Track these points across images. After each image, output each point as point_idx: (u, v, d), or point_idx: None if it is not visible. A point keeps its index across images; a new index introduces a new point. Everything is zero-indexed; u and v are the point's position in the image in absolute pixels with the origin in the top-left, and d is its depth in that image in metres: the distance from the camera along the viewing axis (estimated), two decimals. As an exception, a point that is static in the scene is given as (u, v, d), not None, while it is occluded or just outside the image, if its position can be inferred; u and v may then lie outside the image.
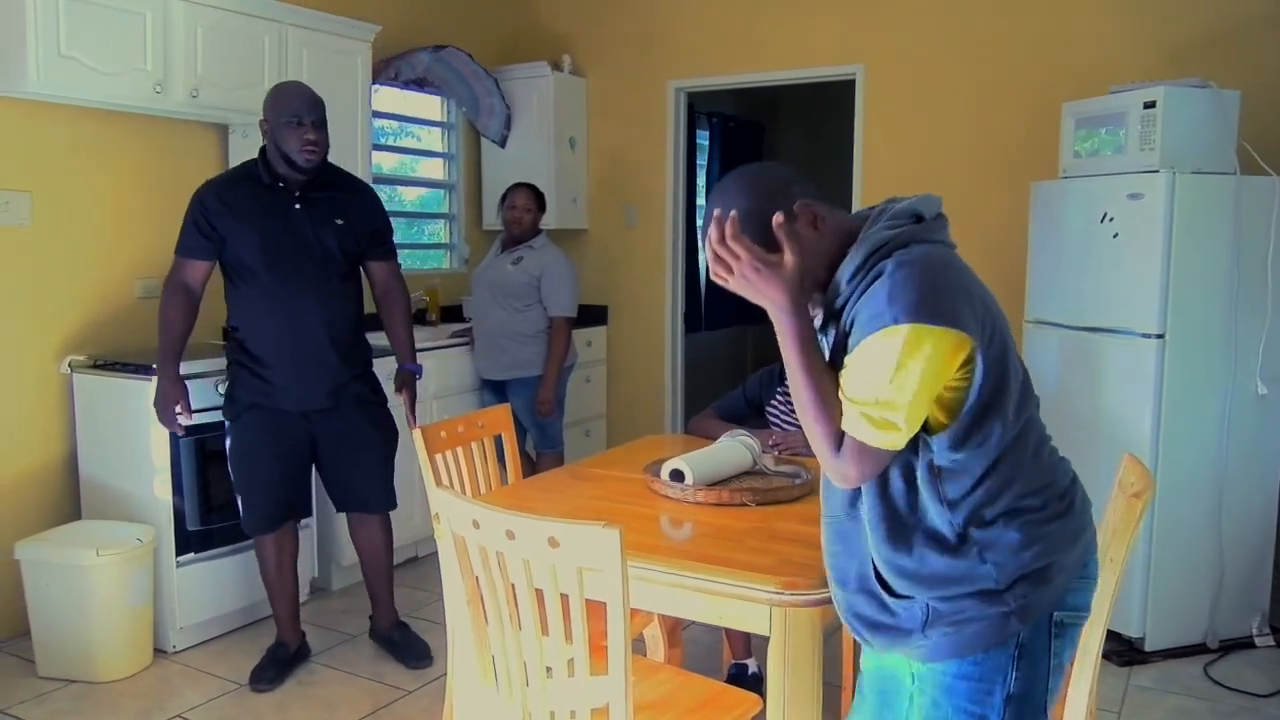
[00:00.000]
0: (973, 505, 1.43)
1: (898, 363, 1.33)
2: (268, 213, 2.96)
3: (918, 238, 1.45)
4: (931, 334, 1.33)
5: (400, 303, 3.29)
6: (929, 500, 1.44)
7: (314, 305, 3.01)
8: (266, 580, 3.21)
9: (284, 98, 2.93)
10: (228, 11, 3.57)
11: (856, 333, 1.39)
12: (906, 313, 1.33)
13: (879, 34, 4.60)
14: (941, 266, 1.41)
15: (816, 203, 1.50)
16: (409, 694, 3.06)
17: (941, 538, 1.43)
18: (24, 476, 3.40)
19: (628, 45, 5.27)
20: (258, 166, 3.01)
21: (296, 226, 2.98)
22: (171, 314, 2.97)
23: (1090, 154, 3.53)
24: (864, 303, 1.39)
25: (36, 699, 2.98)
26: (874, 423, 1.37)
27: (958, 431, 1.40)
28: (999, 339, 1.42)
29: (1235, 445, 3.31)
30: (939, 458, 1.42)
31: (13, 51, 3.03)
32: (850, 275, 1.44)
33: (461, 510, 1.73)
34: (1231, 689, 3.09)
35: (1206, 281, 3.23)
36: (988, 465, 1.42)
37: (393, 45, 4.58)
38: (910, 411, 1.36)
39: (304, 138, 2.90)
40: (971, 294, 1.40)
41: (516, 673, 1.77)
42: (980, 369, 1.38)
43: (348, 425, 3.15)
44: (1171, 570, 3.31)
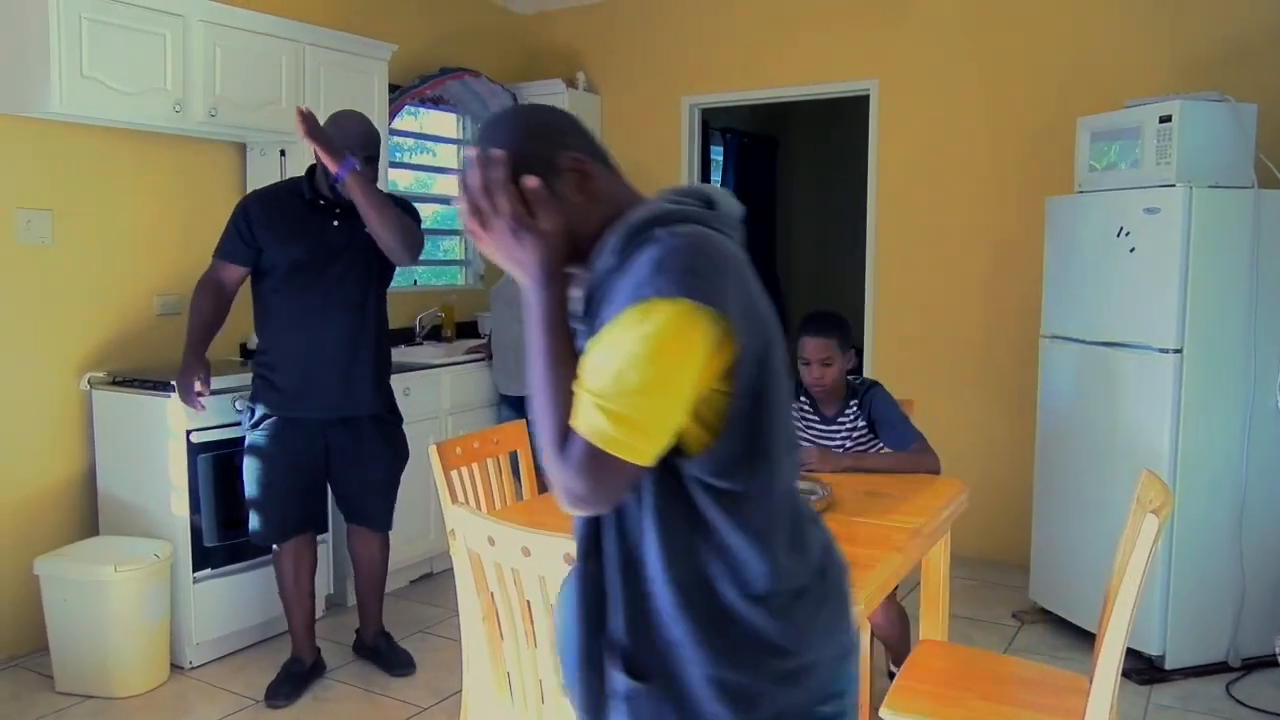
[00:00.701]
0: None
1: (653, 346, 1.06)
2: (305, 227, 3.03)
3: (703, 220, 1.20)
4: (700, 315, 1.07)
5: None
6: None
7: (340, 319, 3.06)
8: (283, 594, 3.22)
9: (337, 124, 3.00)
10: (246, 32, 3.61)
11: (609, 307, 1.13)
12: (673, 286, 1.07)
13: (893, 49, 4.61)
14: (723, 253, 1.15)
15: (592, 161, 1.24)
16: (424, 710, 3.06)
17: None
18: (43, 492, 3.42)
19: (642, 62, 5.30)
20: (303, 183, 3.09)
21: (331, 243, 3.04)
22: (201, 302, 3.08)
23: (1106, 168, 3.52)
24: (626, 274, 1.13)
25: (54, 714, 2.99)
26: (612, 417, 1.07)
27: (720, 452, 1.13)
28: (772, 359, 1.17)
29: (1255, 460, 3.28)
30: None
31: (36, 73, 3.07)
32: (616, 245, 1.17)
33: (477, 526, 1.73)
34: (1255, 709, 3.05)
35: (1224, 296, 3.21)
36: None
37: (410, 64, 4.61)
38: (660, 410, 1.08)
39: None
40: (752, 296, 1.17)
41: (531, 689, 1.77)
42: (746, 378, 1.13)
43: (361, 441, 3.17)
44: (1192, 587, 3.27)
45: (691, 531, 1.15)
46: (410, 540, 4.10)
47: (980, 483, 3.76)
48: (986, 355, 4.47)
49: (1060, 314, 3.66)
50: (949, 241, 4.53)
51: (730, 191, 1.30)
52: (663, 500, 1.15)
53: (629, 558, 1.18)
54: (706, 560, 1.15)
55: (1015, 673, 2.38)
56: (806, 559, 1.23)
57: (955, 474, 2.84)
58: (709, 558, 1.15)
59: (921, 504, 2.46)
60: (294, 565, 3.18)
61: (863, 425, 2.91)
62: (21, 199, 3.33)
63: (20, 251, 3.34)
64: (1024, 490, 4.01)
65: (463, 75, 4.80)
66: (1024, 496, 4.00)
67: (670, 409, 1.08)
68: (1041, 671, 2.36)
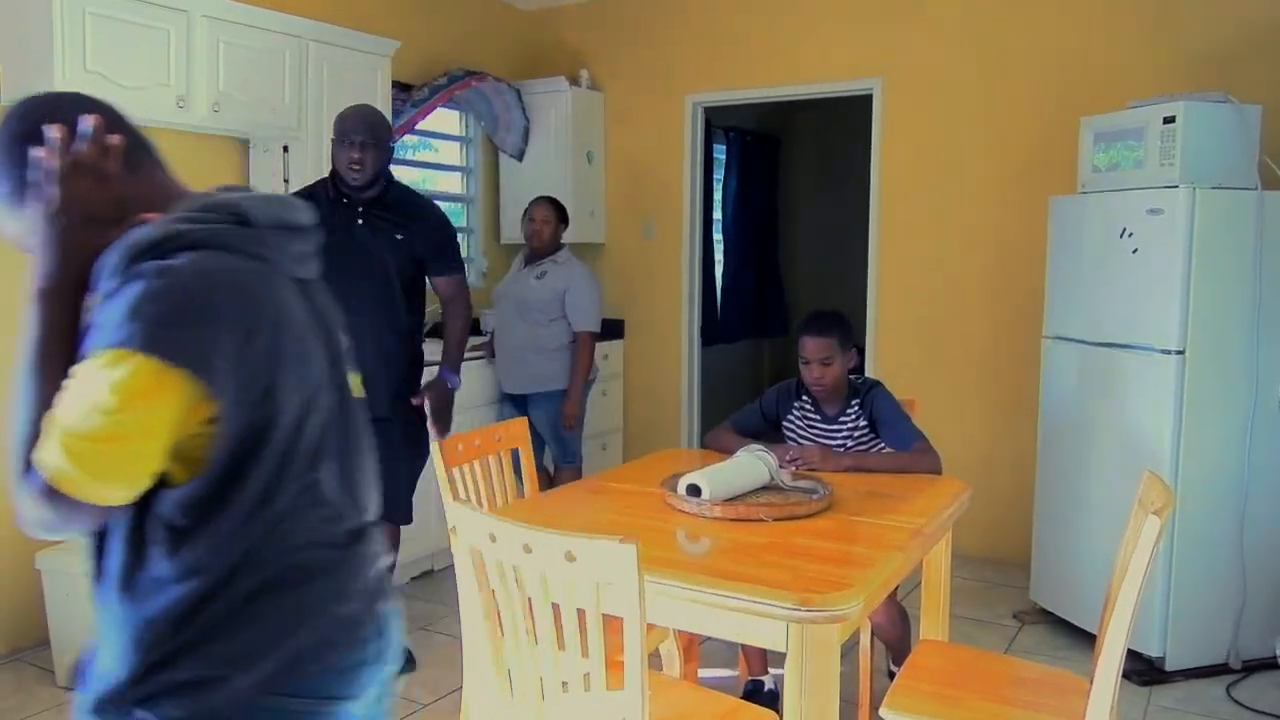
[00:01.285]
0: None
1: (121, 397, 1.01)
2: (329, 226, 3.01)
3: (223, 243, 1.12)
4: (169, 375, 1.02)
5: (460, 314, 3.37)
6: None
7: (369, 318, 3.06)
8: None
9: (341, 118, 3.08)
10: (250, 28, 3.60)
11: (94, 335, 1.05)
12: (144, 338, 1.02)
13: (897, 48, 4.61)
14: (218, 294, 1.07)
15: (134, 140, 1.18)
16: (425, 707, 3.06)
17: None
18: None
19: (645, 60, 5.29)
20: (326, 183, 3.15)
21: (358, 241, 3.07)
22: None
23: (1109, 169, 3.51)
24: (108, 305, 1.05)
25: (55, 708, 3.00)
26: (74, 458, 1.02)
27: (192, 490, 1.09)
28: (272, 400, 1.11)
29: (1257, 462, 3.28)
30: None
31: (40, 67, 3.07)
32: (114, 267, 1.08)
33: (479, 524, 1.73)
34: (1256, 711, 3.05)
35: (1227, 297, 3.21)
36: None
37: (413, 61, 4.61)
38: (125, 459, 1.03)
39: (350, 156, 3.04)
40: (252, 336, 1.09)
41: (533, 687, 1.77)
42: (233, 423, 1.08)
43: (386, 436, 3.16)
44: (1193, 588, 3.27)
45: (139, 553, 1.10)
46: (411, 537, 4.09)
47: (982, 483, 3.76)
48: (988, 356, 4.46)
49: (1062, 315, 3.65)
50: (951, 241, 4.52)
51: (285, 197, 1.21)
52: (130, 522, 1.10)
53: (104, 577, 1.14)
54: (146, 587, 1.11)
55: (1016, 673, 2.38)
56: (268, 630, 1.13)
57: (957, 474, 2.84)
58: (149, 586, 1.11)
59: (923, 504, 2.46)
60: None
61: (864, 425, 2.91)
62: (24, 194, 3.33)
63: (23, 246, 3.34)
64: (1025, 491, 4.01)
65: (471, 83, 4.82)
66: (1025, 497, 4.00)
67: (137, 459, 1.04)
68: (1042, 672, 2.36)
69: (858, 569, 1.96)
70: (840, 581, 1.87)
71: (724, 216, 6.96)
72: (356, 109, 3.13)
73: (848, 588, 1.84)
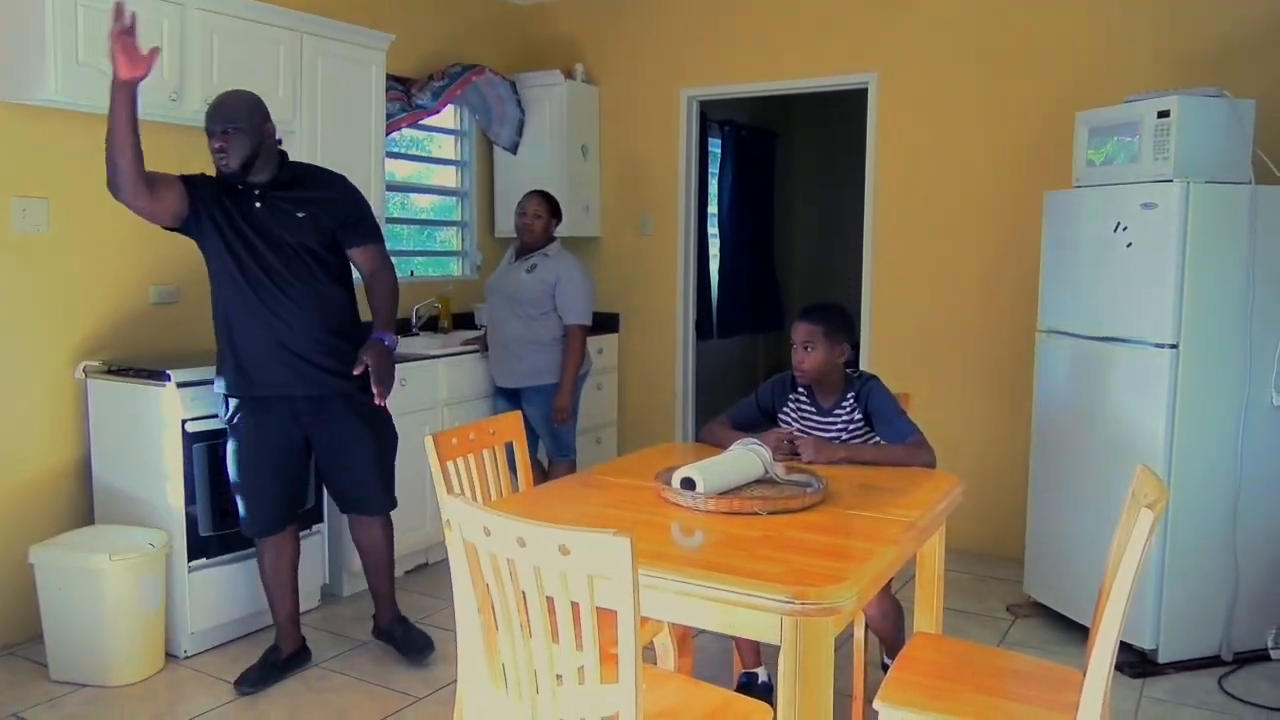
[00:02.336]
0: None
1: None
2: (231, 215, 3.02)
3: None
4: None
5: (383, 281, 3.22)
6: None
7: (290, 303, 3.02)
8: (266, 584, 3.25)
9: (207, 111, 3.01)
10: (243, 20, 3.59)
11: None
12: None
13: (892, 42, 4.60)
14: None
15: None
16: (419, 700, 3.06)
17: None
18: (38, 481, 3.42)
19: (641, 53, 5.28)
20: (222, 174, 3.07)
21: (260, 226, 3.01)
22: (121, 142, 2.79)
23: (1104, 163, 3.52)
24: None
25: (49, 703, 3.00)
26: None
27: None
28: None
29: (1250, 456, 3.29)
30: None
31: (31, 59, 3.06)
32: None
33: (472, 517, 1.73)
34: (1247, 702, 3.07)
35: (1221, 291, 3.21)
36: None
37: (408, 55, 4.60)
38: None
39: (213, 146, 2.98)
40: None
41: (526, 680, 1.77)
42: None
43: (339, 426, 3.17)
44: (1185, 581, 3.28)
45: None
46: (406, 531, 4.10)
47: (976, 477, 3.77)
48: (983, 349, 4.47)
49: (1057, 308, 3.66)
50: (946, 235, 4.53)
51: None
52: None
53: None
54: None
55: (1009, 666, 2.39)
56: None
57: (951, 468, 2.84)
58: None
59: (917, 497, 2.46)
60: (275, 556, 3.21)
61: (859, 418, 2.91)
62: (17, 187, 3.32)
63: (16, 240, 3.33)
64: (1019, 484, 4.02)
65: (471, 78, 4.85)
66: (1019, 491, 4.01)
67: None
68: (1035, 665, 2.37)
69: (852, 562, 1.97)
70: (834, 575, 1.87)
71: (720, 210, 6.95)
72: (218, 99, 3.02)
73: (842, 581, 1.84)
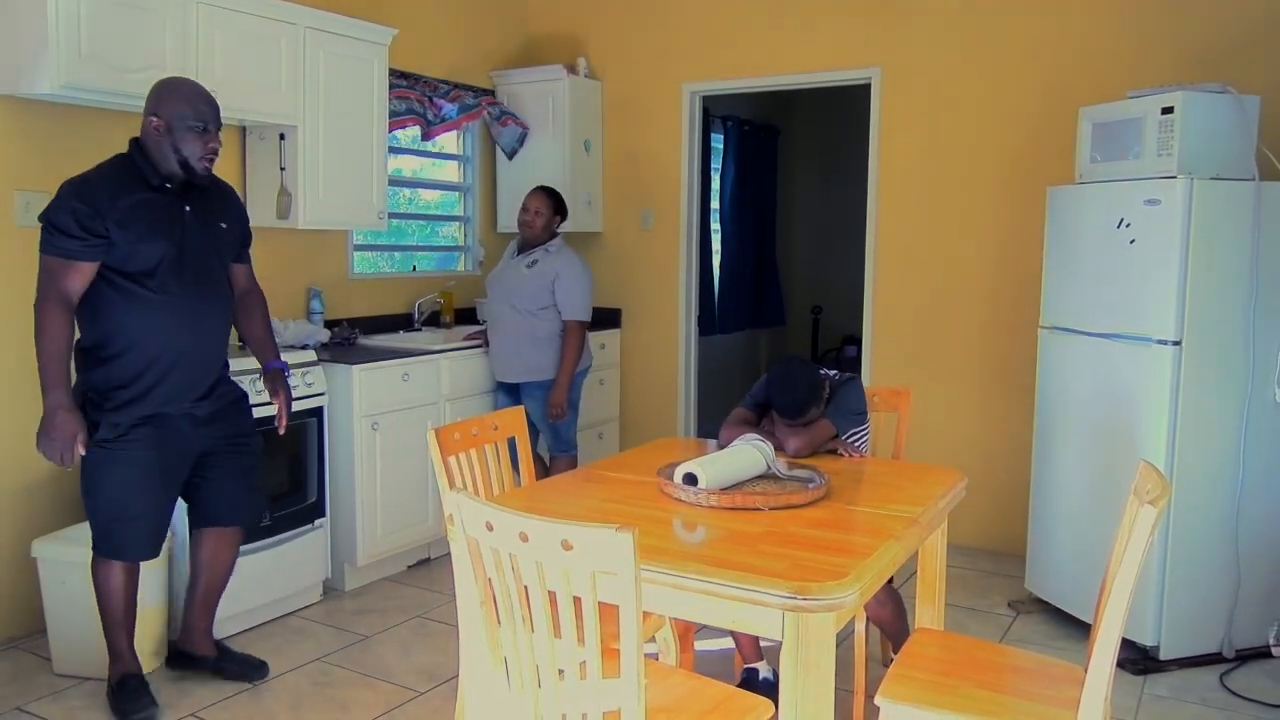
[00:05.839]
0: None
1: None
2: (165, 218, 2.78)
3: None
4: None
5: (262, 302, 3.18)
6: None
7: (209, 310, 2.90)
8: (122, 609, 2.88)
9: (187, 99, 2.76)
10: (246, 14, 3.59)
11: None
12: None
13: (895, 37, 4.59)
14: None
15: None
16: (421, 694, 3.07)
17: None
18: (41, 475, 3.42)
19: (643, 48, 5.28)
20: (140, 166, 2.77)
21: (191, 231, 2.82)
22: (56, 330, 2.65)
23: (1107, 159, 3.51)
24: None
25: (53, 696, 3.00)
26: None
27: None
28: None
29: (1252, 453, 3.28)
30: None
31: (35, 52, 3.06)
32: None
33: (475, 512, 1.73)
34: (1249, 699, 3.07)
35: (1224, 288, 3.21)
36: None
37: (410, 50, 4.59)
38: None
39: (208, 145, 2.79)
40: None
41: (529, 675, 1.77)
42: None
43: (234, 430, 3.03)
44: (1187, 578, 3.28)
45: None
46: (408, 525, 4.11)
47: (978, 473, 3.77)
48: (986, 345, 4.47)
49: (1060, 305, 3.66)
50: (949, 231, 4.52)
51: None
52: None
53: None
54: None
55: (1011, 662, 2.39)
56: None
57: (953, 463, 2.84)
58: None
59: (919, 493, 2.46)
60: (129, 579, 2.89)
61: None
62: (19, 180, 3.32)
63: (18, 234, 3.33)
64: (1021, 480, 4.02)
65: (480, 113, 5.00)
66: (1021, 487, 4.01)
67: None
68: (1037, 661, 2.37)
69: (854, 558, 1.97)
70: (836, 571, 1.87)
71: (721, 206, 6.95)
72: (197, 88, 2.80)
73: (844, 577, 1.84)
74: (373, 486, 3.92)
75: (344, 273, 4.57)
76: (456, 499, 1.79)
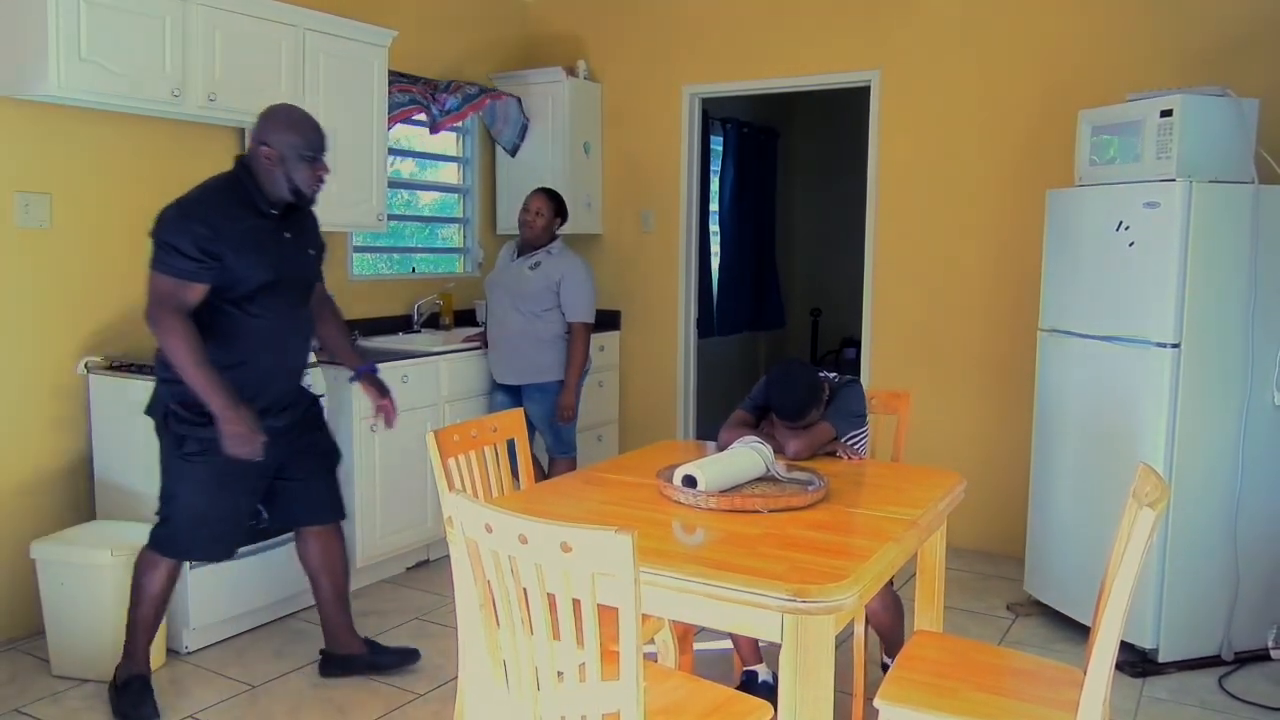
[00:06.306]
0: None
1: None
2: (270, 244, 2.84)
3: None
4: None
5: (338, 311, 3.27)
6: None
7: (298, 328, 2.99)
8: (146, 608, 2.91)
9: (298, 128, 2.82)
10: (246, 16, 3.59)
11: None
12: None
13: (895, 40, 4.60)
14: None
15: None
16: (420, 697, 3.07)
17: None
18: (40, 476, 3.42)
19: (643, 51, 5.28)
20: (249, 191, 2.82)
21: (289, 256, 2.89)
22: (186, 340, 2.67)
23: (1106, 162, 3.51)
24: None
25: (51, 697, 3.00)
26: None
27: None
28: None
29: (1251, 456, 3.29)
30: None
31: (34, 55, 3.06)
32: None
33: (475, 514, 1.73)
34: (1247, 702, 3.07)
35: (1223, 291, 3.21)
36: None
37: (411, 51, 4.60)
38: None
39: (318, 174, 2.87)
40: None
41: (528, 677, 1.77)
42: None
43: (314, 432, 3.12)
44: (1186, 581, 3.28)
45: None
46: (407, 527, 4.11)
47: (977, 475, 3.77)
48: (985, 348, 4.47)
49: (1059, 308, 3.66)
50: (949, 233, 4.52)
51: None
52: None
53: None
54: None
55: (1009, 664, 2.39)
56: None
57: (952, 465, 2.84)
58: None
59: (918, 495, 2.47)
60: (172, 583, 2.96)
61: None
62: (20, 182, 3.32)
63: (18, 235, 3.33)
64: (1020, 483, 4.02)
65: (485, 101, 4.96)
66: (1020, 489, 4.01)
67: None
68: (1036, 663, 2.37)
69: (853, 560, 1.97)
70: (836, 573, 1.87)
71: (721, 208, 6.95)
72: (308, 118, 2.87)
73: (843, 579, 1.84)
74: (372, 488, 3.92)
75: (343, 274, 4.57)
76: (455, 501, 1.79)
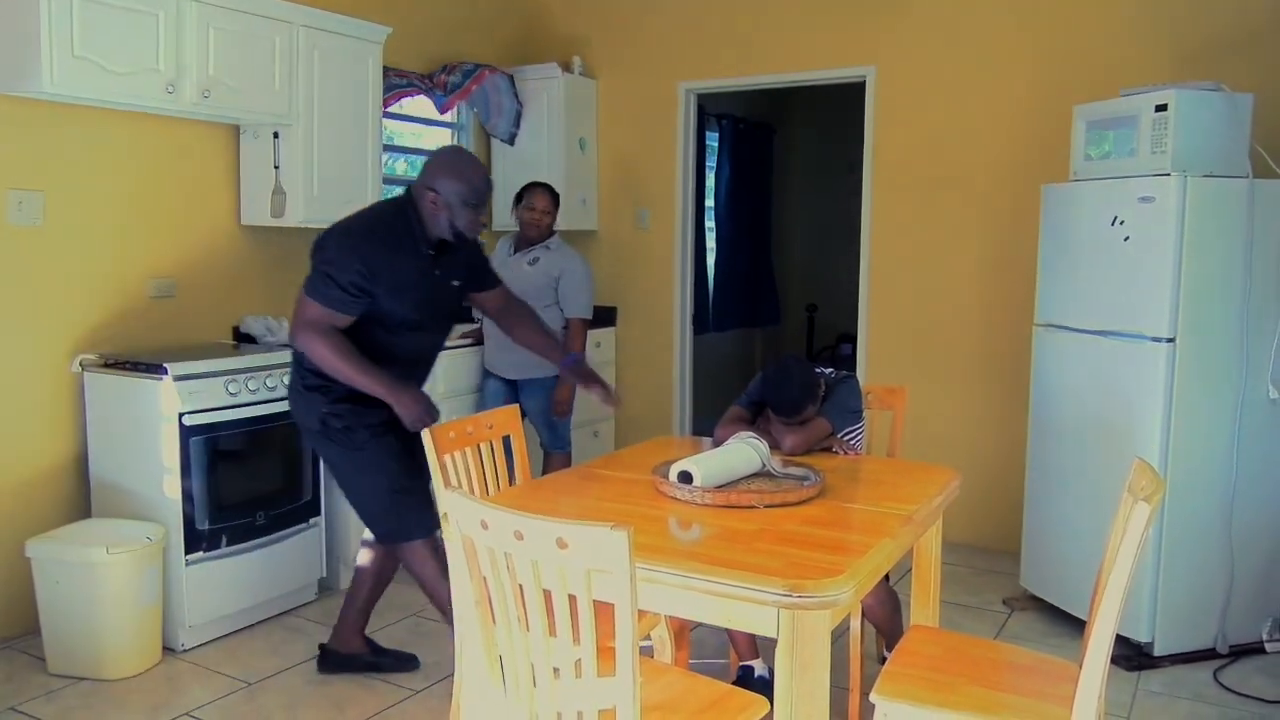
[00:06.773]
0: None
1: None
2: (424, 283, 2.92)
3: None
4: None
5: (530, 310, 3.34)
6: None
7: (431, 354, 3.12)
8: (446, 585, 2.69)
9: (465, 177, 2.84)
10: (239, 12, 3.58)
11: None
12: None
13: (890, 36, 4.60)
14: None
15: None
16: (416, 694, 3.07)
17: None
18: (35, 475, 3.42)
19: (638, 47, 5.27)
20: (413, 226, 2.87)
21: (437, 290, 2.98)
22: (343, 345, 2.78)
23: (1101, 157, 3.52)
24: None
25: (46, 696, 3.00)
26: None
27: None
28: None
29: (1246, 450, 3.29)
30: None
31: (27, 52, 3.05)
32: None
33: (470, 511, 1.73)
34: (1242, 695, 3.08)
35: (1218, 285, 3.22)
36: None
37: (405, 48, 4.58)
38: None
39: (480, 220, 2.93)
40: None
41: (524, 674, 1.77)
42: None
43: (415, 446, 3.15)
44: (1181, 575, 3.29)
45: None
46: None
47: (972, 470, 3.78)
48: (980, 343, 4.47)
49: (1054, 302, 3.66)
50: (944, 229, 4.53)
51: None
52: None
53: None
54: None
55: (1005, 659, 2.39)
56: None
57: (948, 461, 2.85)
58: None
59: (914, 491, 2.47)
60: (442, 550, 2.77)
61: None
62: (13, 179, 3.31)
63: (12, 233, 3.32)
64: (1016, 478, 4.02)
65: (483, 76, 4.94)
66: (1016, 484, 4.02)
67: None
68: (1031, 658, 2.37)
69: (849, 555, 1.97)
70: (832, 568, 1.88)
71: (717, 204, 6.95)
72: (476, 166, 2.94)
73: (839, 574, 1.84)
74: (368, 485, 3.91)
75: (339, 271, 4.55)
76: (451, 498, 1.78)
